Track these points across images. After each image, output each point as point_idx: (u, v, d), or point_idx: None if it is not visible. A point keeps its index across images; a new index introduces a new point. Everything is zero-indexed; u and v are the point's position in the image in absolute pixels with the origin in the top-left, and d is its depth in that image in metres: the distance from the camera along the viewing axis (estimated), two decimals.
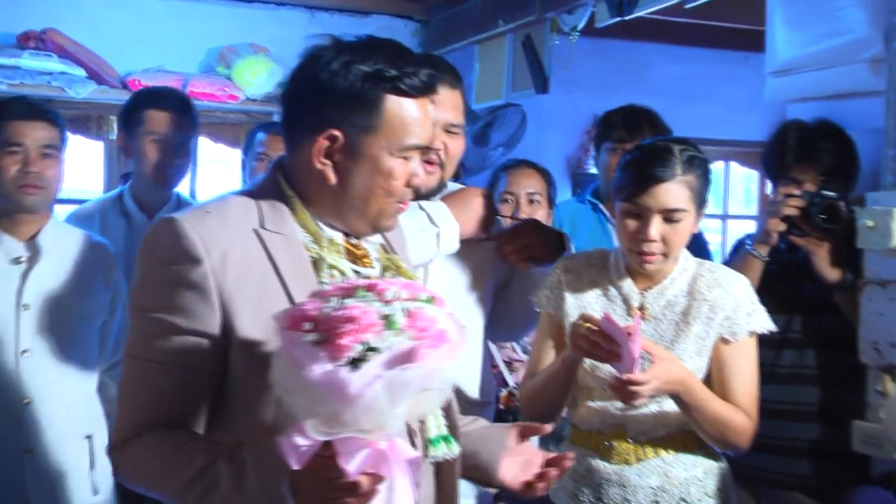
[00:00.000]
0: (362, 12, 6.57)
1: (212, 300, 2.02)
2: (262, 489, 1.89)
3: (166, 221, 2.09)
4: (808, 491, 3.57)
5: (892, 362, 3.17)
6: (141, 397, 2.09)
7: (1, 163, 3.31)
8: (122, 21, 6.05)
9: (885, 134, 3.24)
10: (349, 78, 2.07)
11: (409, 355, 1.74)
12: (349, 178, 2.12)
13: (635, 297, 3.02)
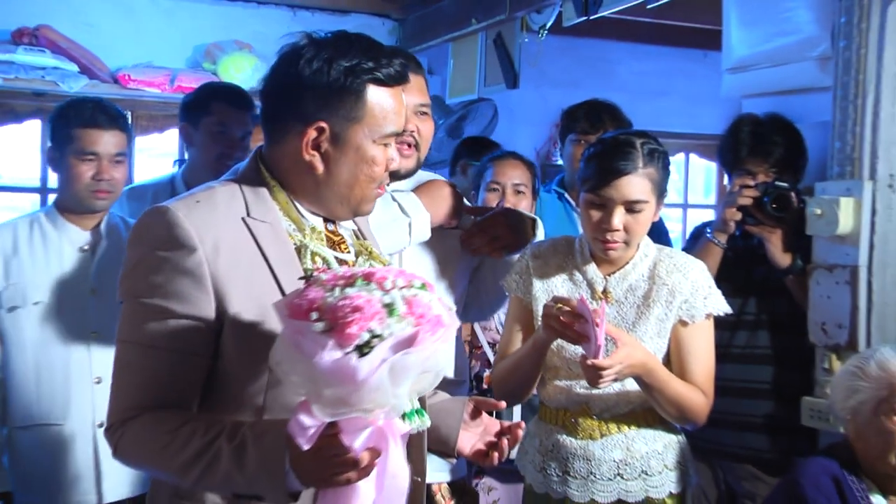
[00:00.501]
0: (341, 11, 6.56)
1: (206, 286, 2.02)
2: (262, 467, 1.91)
3: (159, 210, 2.07)
4: (762, 463, 3.61)
5: (838, 342, 3.20)
6: (136, 380, 2.06)
7: (76, 169, 3.32)
8: (112, 18, 6.03)
9: (832, 127, 3.28)
10: (332, 73, 2.07)
11: (410, 340, 1.77)
12: (335, 167, 2.13)
13: (599, 281, 3.03)
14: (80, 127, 3.32)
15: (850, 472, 2.76)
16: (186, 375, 2.07)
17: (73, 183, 3.34)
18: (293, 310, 1.81)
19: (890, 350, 2.80)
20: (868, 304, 3.16)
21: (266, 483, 1.92)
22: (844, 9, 3.22)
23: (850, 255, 3.18)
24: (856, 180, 3.17)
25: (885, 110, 3.14)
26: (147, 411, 2.03)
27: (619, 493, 2.97)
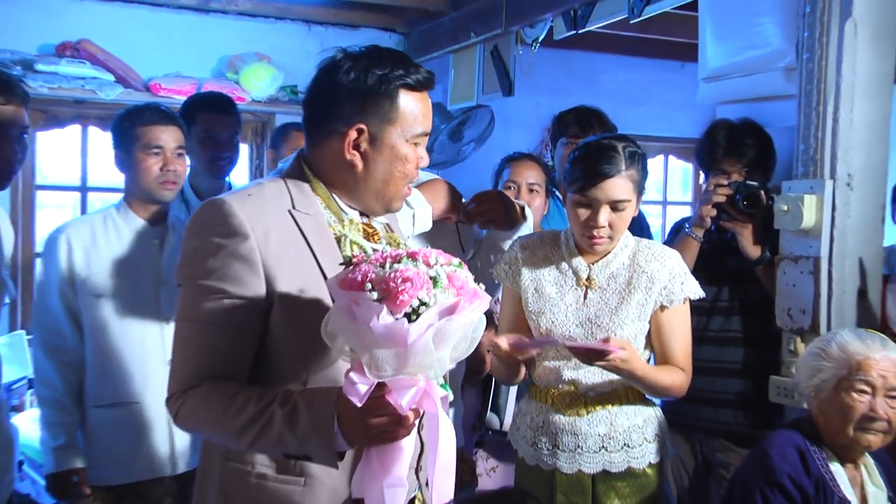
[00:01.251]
0: (352, 25, 6.54)
1: (258, 270, 2.05)
2: (313, 429, 1.94)
3: (215, 202, 2.11)
4: (734, 435, 3.61)
5: (802, 326, 3.22)
6: (195, 355, 2.09)
7: (144, 163, 3.30)
8: (145, 33, 6.03)
9: (796, 131, 3.29)
10: (369, 79, 2.12)
11: (452, 309, 1.83)
12: (373, 165, 2.17)
13: (583, 269, 3.03)
14: (144, 125, 3.31)
15: (812, 443, 2.77)
16: (239, 350, 2.10)
17: (142, 176, 3.32)
18: (347, 283, 1.85)
19: (849, 333, 2.81)
20: (828, 291, 3.18)
21: (316, 444, 1.95)
22: (807, 25, 3.23)
23: (812, 247, 3.19)
24: (818, 179, 3.18)
25: (843, 116, 3.15)
26: (205, 382, 2.06)
27: (604, 463, 2.97)
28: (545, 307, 3.01)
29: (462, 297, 1.86)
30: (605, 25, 5.05)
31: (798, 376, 2.90)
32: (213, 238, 2.07)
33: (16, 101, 2.97)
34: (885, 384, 2.69)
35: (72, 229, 3.33)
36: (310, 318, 2.02)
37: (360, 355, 1.85)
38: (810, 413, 2.85)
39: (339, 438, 1.94)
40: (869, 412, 2.68)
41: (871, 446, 2.74)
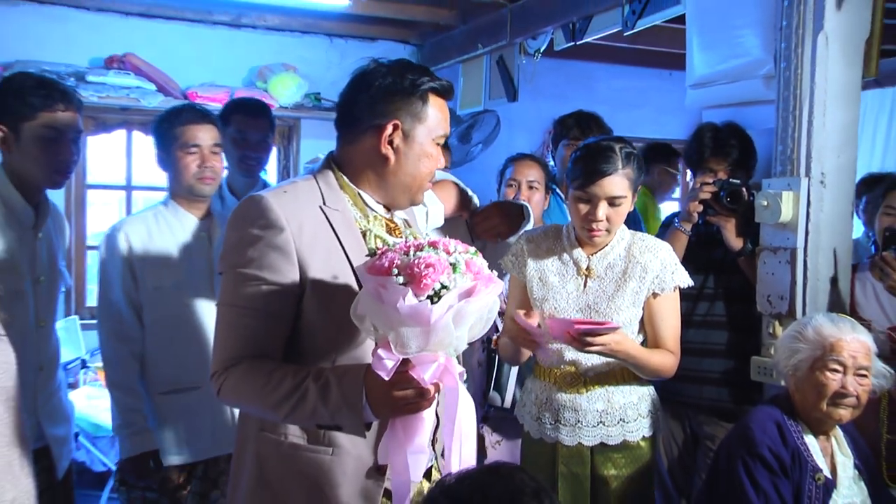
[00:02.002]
0: (370, 38, 6.55)
1: (292, 259, 2.07)
2: (344, 401, 1.97)
3: (255, 198, 2.13)
4: (719, 411, 3.62)
5: (780, 311, 3.22)
6: (234, 336, 2.11)
7: (183, 161, 3.28)
8: (183, 46, 6.06)
9: (775, 133, 3.29)
10: (404, 83, 2.17)
11: (469, 292, 1.86)
12: (405, 160, 2.20)
13: (583, 260, 3.04)
14: (182, 125, 3.29)
15: (789, 417, 2.78)
16: (275, 332, 2.12)
17: (182, 173, 3.30)
18: (375, 269, 1.88)
19: (822, 317, 2.83)
20: (804, 279, 3.19)
21: (346, 415, 1.98)
22: (784, 37, 3.24)
23: (789, 239, 3.20)
24: (794, 177, 3.19)
25: (817, 120, 3.16)
26: (244, 360, 2.08)
27: (602, 437, 2.99)
28: (548, 294, 3.03)
29: (479, 282, 1.89)
30: (601, 37, 5.04)
31: (777, 357, 2.91)
32: (253, 230, 2.09)
33: (73, 109, 2.98)
34: (854, 363, 2.71)
35: (129, 226, 3.30)
36: (338, 303, 2.05)
37: (386, 334, 1.87)
38: (787, 390, 2.86)
39: (367, 410, 1.97)
40: (840, 389, 2.70)
41: (842, 419, 2.75)
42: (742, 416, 2.90)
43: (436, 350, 1.90)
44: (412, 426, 2.01)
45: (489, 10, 5.64)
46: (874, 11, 3.24)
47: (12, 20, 5.62)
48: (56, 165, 2.98)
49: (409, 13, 5.97)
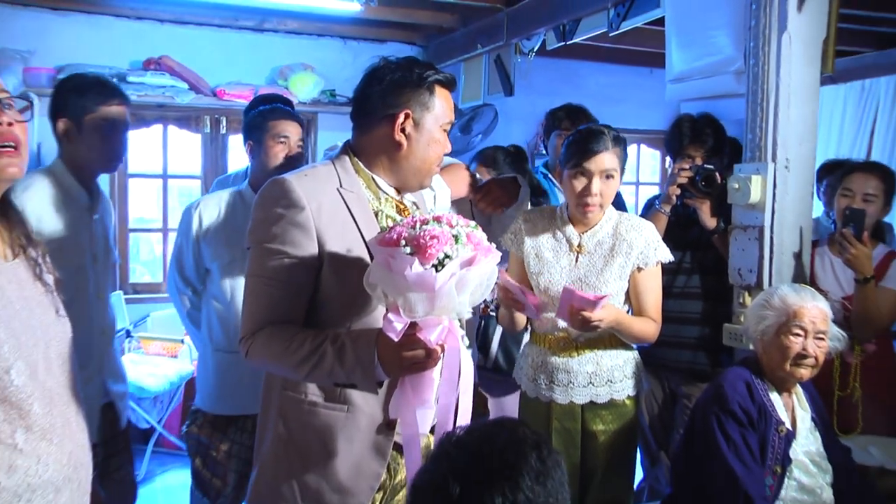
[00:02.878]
0: (380, 40, 6.54)
1: (312, 235, 2.08)
2: (358, 362, 1.98)
3: (278, 181, 2.13)
4: (694, 372, 3.66)
5: (749, 283, 3.24)
6: (260, 304, 2.11)
7: (273, 150, 3.28)
8: (212, 49, 6.07)
9: (745, 124, 3.29)
10: (412, 76, 2.17)
11: (470, 261, 1.88)
12: (416, 146, 2.20)
13: (575, 237, 3.06)
14: (275, 120, 3.31)
15: (756, 377, 2.81)
16: (297, 300, 2.12)
17: (271, 160, 3.30)
18: (385, 242, 1.89)
19: (786, 287, 2.85)
20: (770, 254, 3.20)
21: (360, 374, 2.00)
22: (752, 37, 3.25)
23: (758, 218, 3.22)
24: (763, 163, 3.20)
25: (782, 111, 3.17)
26: (268, 326, 2.09)
27: (591, 396, 3.01)
28: (543, 268, 3.05)
29: (478, 252, 1.90)
30: (589, 38, 5.04)
31: (746, 323, 2.93)
32: (277, 209, 2.09)
33: (125, 104, 3.05)
34: (814, 328, 2.75)
35: (203, 204, 3.33)
36: (352, 274, 2.06)
37: (395, 300, 1.89)
38: (755, 353, 2.89)
39: (379, 369, 1.98)
40: (802, 351, 2.73)
41: (803, 378, 2.79)
42: (715, 377, 2.92)
43: (440, 314, 1.91)
44: (419, 384, 2.02)
45: (487, 13, 5.63)
46: (830, 15, 3.25)
47: (64, 29, 5.67)
48: (112, 153, 3.05)
49: (415, 17, 5.96)
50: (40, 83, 5.34)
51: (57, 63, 5.50)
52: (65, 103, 2.98)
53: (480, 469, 1.37)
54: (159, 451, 5.38)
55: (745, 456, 2.69)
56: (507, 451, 1.41)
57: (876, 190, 3.47)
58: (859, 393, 3.41)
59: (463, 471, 1.37)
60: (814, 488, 2.79)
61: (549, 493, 1.38)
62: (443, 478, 1.37)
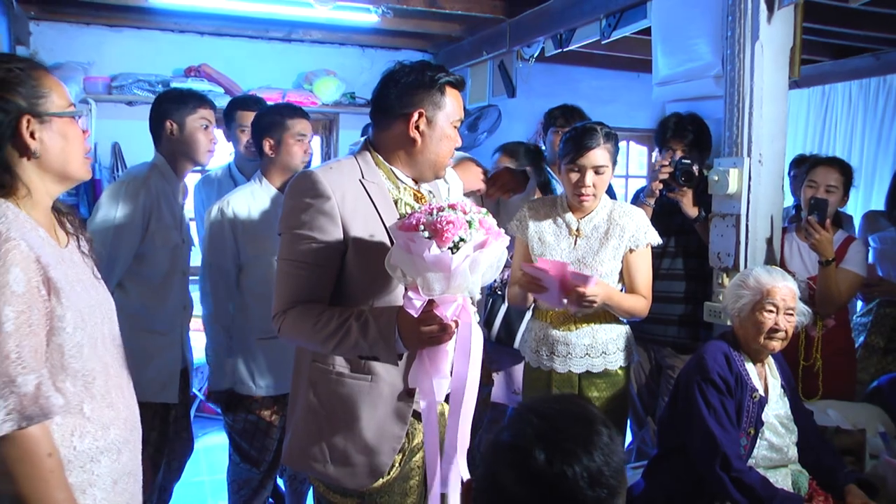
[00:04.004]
0: (395, 48, 6.53)
1: (337, 222, 2.09)
2: (380, 336, 2.01)
3: (307, 173, 2.14)
4: (678, 346, 3.68)
5: (727, 265, 3.25)
6: (291, 284, 2.12)
7: (294, 148, 3.31)
8: (245, 57, 6.08)
9: (723, 122, 3.31)
10: (425, 78, 2.17)
11: (482, 244, 1.91)
12: (429, 142, 2.20)
13: (574, 223, 3.09)
14: (296, 118, 3.34)
15: (734, 349, 2.84)
16: (323, 281, 2.13)
17: (293, 157, 3.32)
18: (405, 227, 1.92)
19: (760, 269, 2.88)
20: (745, 240, 3.23)
21: (382, 347, 2.02)
22: (729, 45, 3.26)
23: (735, 207, 3.24)
24: (739, 157, 3.22)
25: (756, 112, 3.19)
26: (299, 304, 2.11)
27: (588, 366, 3.04)
28: (545, 251, 3.07)
29: (490, 236, 1.92)
30: (583, 45, 5.03)
31: (725, 301, 2.96)
32: (306, 199, 2.10)
33: (213, 108, 3.28)
34: (784, 305, 2.77)
35: (234, 201, 3.29)
36: (374, 257, 2.07)
37: (414, 279, 1.91)
38: (733, 328, 2.92)
39: (399, 343, 2.00)
40: (774, 325, 2.76)
41: (775, 350, 2.82)
42: (697, 349, 2.94)
43: (455, 292, 1.92)
44: (435, 356, 2.05)
45: (492, 24, 5.62)
46: (795, 26, 3.26)
47: (117, 42, 5.74)
48: (208, 147, 3.24)
49: (427, 27, 5.95)
50: (97, 90, 5.44)
51: (111, 72, 5.58)
52: (169, 108, 3.17)
53: (562, 439, 1.36)
54: (200, 416, 5.47)
55: (723, 419, 2.72)
56: (581, 422, 1.40)
57: (836, 182, 3.50)
58: (820, 363, 3.46)
59: (547, 438, 1.36)
60: (781, 447, 2.82)
61: (615, 467, 1.37)
62: (528, 441, 1.36)
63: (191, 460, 3.48)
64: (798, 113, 6.78)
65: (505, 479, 1.35)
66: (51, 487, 1.60)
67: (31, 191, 1.74)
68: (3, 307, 1.55)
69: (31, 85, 1.72)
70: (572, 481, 1.32)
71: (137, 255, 3.05)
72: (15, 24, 4.97)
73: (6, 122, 1.68)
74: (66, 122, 1.78)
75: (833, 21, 4.89)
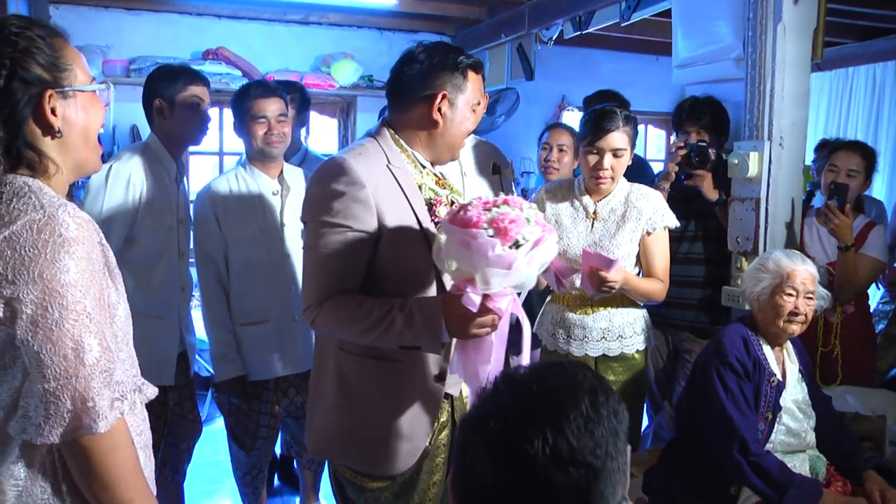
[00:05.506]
0: (413, 30, 6.51)
1: (373, 211, 2.07)
2: (426, 325, 2.02)
3: (337, 160, 2.12)
4: (695, 329, 3.66)
5: (746, 249, 3.25)
6: (323, 275, 2.10)
7: (254, 129, 3.25)
8: (263, 40, 6.09)
9: (744, 105, 3.30)
10: (448, 60, 2.16)
11: (539, 241, 1.92)
12: (451, 123, 2.19)
13: (591, 206, 3.09)
14: (252, 99, 3.26)
15: (752, 332, 2.83)
16: (356, 271, 2.12)
17: (254, 139, 3.26)
18: (461, 222, 1.92)
19: (779, 253, 2.86)
20: (765, 223, 3.22)
21: (427, 337, 2.03)
22: (751, 27, 3.25)
23: (755, 190, 3.23)
24: (759, 140, 3.21)
25: (777, 94, 3.18)
26: (337, 295, 2.09)
27: (604, 349, 3.05)
28: (562, 234, 3.07)
29: (545, 232, 1.94)
30: (602, 28, 5.04)
31: (744, 285, 2.94)
32: (337, 186, 2.07)
33: (206, 85, 3.21)
34: (804, 288, 2.76)
35: (215, 186, 3.29)
36: (407, 245, 2.10)
37: (472, 274, 1.92)
38: (751, 312, 2.90)
39: (445, 333, 2.02)
40: (793, 309, 2.75)
41: (794, 333, 2.80)
42: (716, 333, 2.93)
43: (511, 287, 1.96)
44: (481, 345, 2.07)
45: (511, 6, 5.60)
46: (819, 7, 3.23)
47: (134, 26, 5.76)
48: (199, 125, 3.18)
49: (445, 9, 5.94)
50: (115, 73, 5.45)
51: (130, 55, 5.61)
52: (159, 86, 3.10)
53: (523, 407, 1.17)
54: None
55: (741, 403, 2.71)
56: (557, 392, 1.19)
57: (858, 166, 3.48)
58: (839, 349, 3.44)
59: (507, 407, 1.17)
60: (799, 432, 2.81)
61: (598, 442, 1.14)
62: (486, 413, 1.19)
63: (207, 441, 3.50)
64: (820, 96, 6.73)
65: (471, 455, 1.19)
66: (136, 475, 1.54)
67: (59, 168, 1.56)
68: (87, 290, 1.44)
69: (55, 55, 1.53)
70: (536, 461, 1.11)
71: (128, 239, 3.01)
72: (35, 8, 5.00)
73: (28, 95, 1.50)
74: (88, 96, 1.60)
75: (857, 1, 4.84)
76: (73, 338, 1.41)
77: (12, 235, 1.40)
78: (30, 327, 1.40)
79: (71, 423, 1.42)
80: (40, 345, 1.40)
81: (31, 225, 1.41)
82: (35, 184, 1.50)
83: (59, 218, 1.42)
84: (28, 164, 1.52)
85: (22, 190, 1.47)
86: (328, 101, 6.57)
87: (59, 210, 1.44)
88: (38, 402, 1.42)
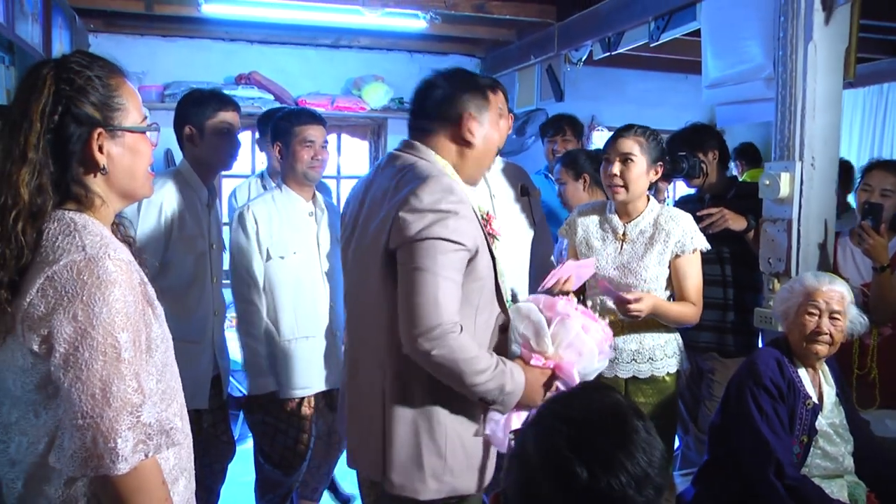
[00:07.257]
0: (443, 53, 6.55)
1: (479, 227, 2.10)
2: (515, 386, 2.12)
3: (435, 179, 2.05)
4: (721, 350, 3.64)
5: (778, 270, 3.21)
6: (449, 298, 1.99)
7: (299, 153, 3.28)
8: (295, 65, 6.17)
9: (774, 125, 3.27)
10: (471, 84, 2.25)
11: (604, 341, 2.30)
12: (480, 140, 2.24)
13: (620, 227, 3.07)
14: (301, 125, 3.30)
15: (785, 355, 2.79)
16: (458, 294, 2.04)
17: (299, 163, 3.29)
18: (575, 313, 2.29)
19: (809, 274, 2.84)
20: (798, 245, 3.18)
21: (511, 398, 2.12)
22: (781, 46, 3.22)
23: (786, 211, 3.19)
24: (790, 161, 3.17)
25: (808, 114, 3.15)
26: (459, 327, 2.00)
27: (634, 371, 3.02)
28: (592, 255, 3.07)
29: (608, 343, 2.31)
30: (631, 48, 5.02)
31: (775, 307, 2.91)
32: (448, 205, 2.00)
33: (237, 111, 3.24)
34: (828, 308, 2.73)
35: (255, 207, 3.31)
36: (482, 258, 2.11)
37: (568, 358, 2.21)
38: (784, 334, 2.87)
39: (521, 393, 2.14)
40: (816, 329, 2.72)
41: (819, 354, 2.76)
42: (749, 355, 2.90)
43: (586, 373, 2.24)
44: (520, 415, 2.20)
45: (540, 28, 5.62)
46: (851, 25, 3.20)
47: (170, 52, 5.90)
48: (229, 151, 3.19)
49: (475, 32, 5.97)
50: (150, 98, 5.55)
51: (164, 81, 5.73)
52: (189, 113, 3.14)
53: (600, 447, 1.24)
54: None
55: (776, 426, 2.68)
56: (614, 423, 1.27)
57: (893, 185, 3.41)
58: (876, 372, 3.37)
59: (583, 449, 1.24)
60: (836, 456, 2.76)
61: (657, 466, 1.26)
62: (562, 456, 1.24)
63: (240, 460, 3.50)
64: (853, 114, 6.65)
65: (542, 489, 1.26)
66: None
67: (105, 201, 1.60)
68: (120, 332, 1.46)
69: (109, 95, 1.58)
70: (620, 492, 1.22)
71: (161, 265, 3.01)
72: (76, 38, 5.09)
73: (78, 134, 1.54)
74: (137, 137, 1.63)
75: (891, 17, 4.77)
76: (102, 378, 1.44)
77: (54, 275, 1.45)
78: (62, 365, 1.44)
79: (94, 461, 1.44)
80: (70, 382, 1.44)
81: (72, 266, 1.45)
82: (81, 219, 1.54)
83: (99, 260, 1.46)
84: (76, 198, 1.57)
85: (68, 227, 1.51)
86: (359, 124, 6.61)
87: (99, 251, 1.47)
88: (70, 435, 1.44)
